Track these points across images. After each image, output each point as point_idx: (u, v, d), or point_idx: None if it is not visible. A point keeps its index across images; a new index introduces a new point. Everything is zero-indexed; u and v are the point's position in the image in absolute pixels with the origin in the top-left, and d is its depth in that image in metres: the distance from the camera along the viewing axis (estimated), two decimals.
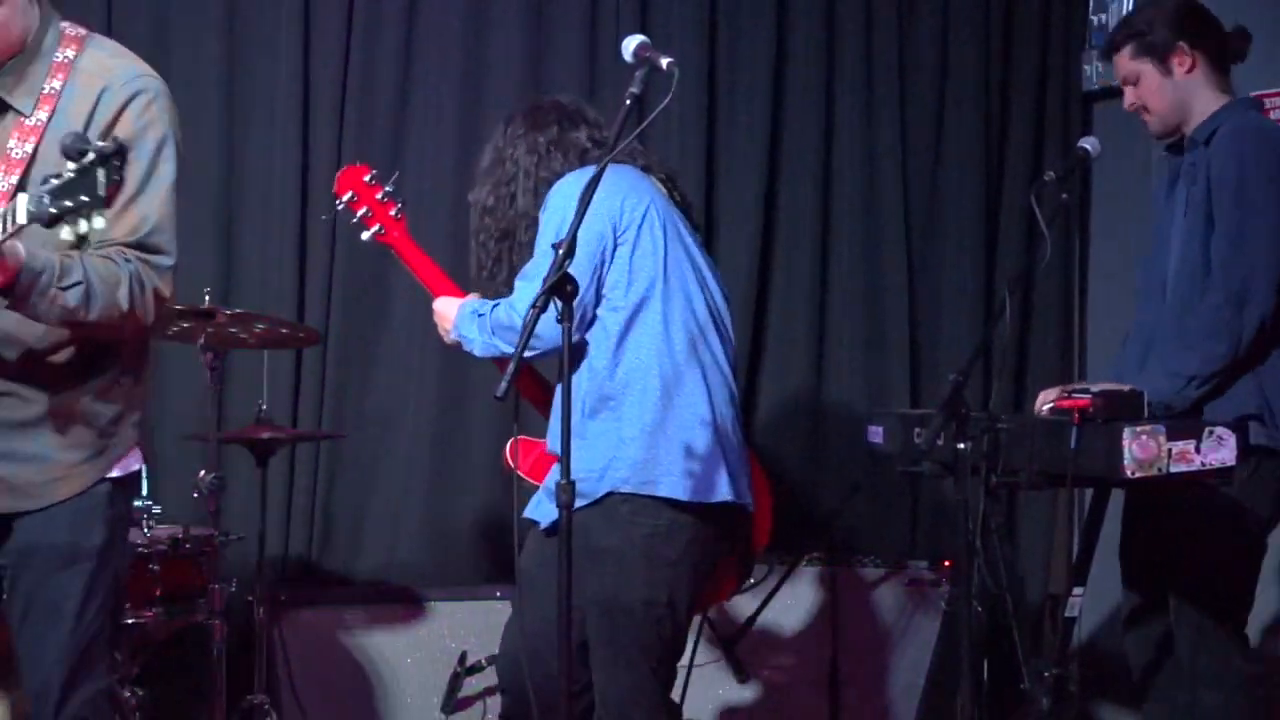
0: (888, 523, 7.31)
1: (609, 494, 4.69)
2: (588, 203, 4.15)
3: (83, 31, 4.04)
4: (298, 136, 6.78)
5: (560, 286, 4.06)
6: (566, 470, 4.07)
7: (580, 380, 4.72)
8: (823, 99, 7.37)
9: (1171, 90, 5.15)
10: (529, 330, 4.07)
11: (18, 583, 3.99)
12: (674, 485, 4.68)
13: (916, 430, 4.95)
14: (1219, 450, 4.57)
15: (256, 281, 6.77)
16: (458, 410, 6.84)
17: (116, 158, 3.46)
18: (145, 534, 5.74)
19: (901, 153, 7.45)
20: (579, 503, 4.22)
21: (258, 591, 6.14)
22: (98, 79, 3.96)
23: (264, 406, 6.20)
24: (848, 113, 7.40)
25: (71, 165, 3.46)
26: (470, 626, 6.44)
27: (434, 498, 6.86)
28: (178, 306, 5.68)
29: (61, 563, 4.03)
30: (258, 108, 6.83)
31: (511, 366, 4.04)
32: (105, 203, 3.47)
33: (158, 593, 5.77)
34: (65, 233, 3.47)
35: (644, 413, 4.71)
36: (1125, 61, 5.21)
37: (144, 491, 5.79)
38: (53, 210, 3.46)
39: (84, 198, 3.45)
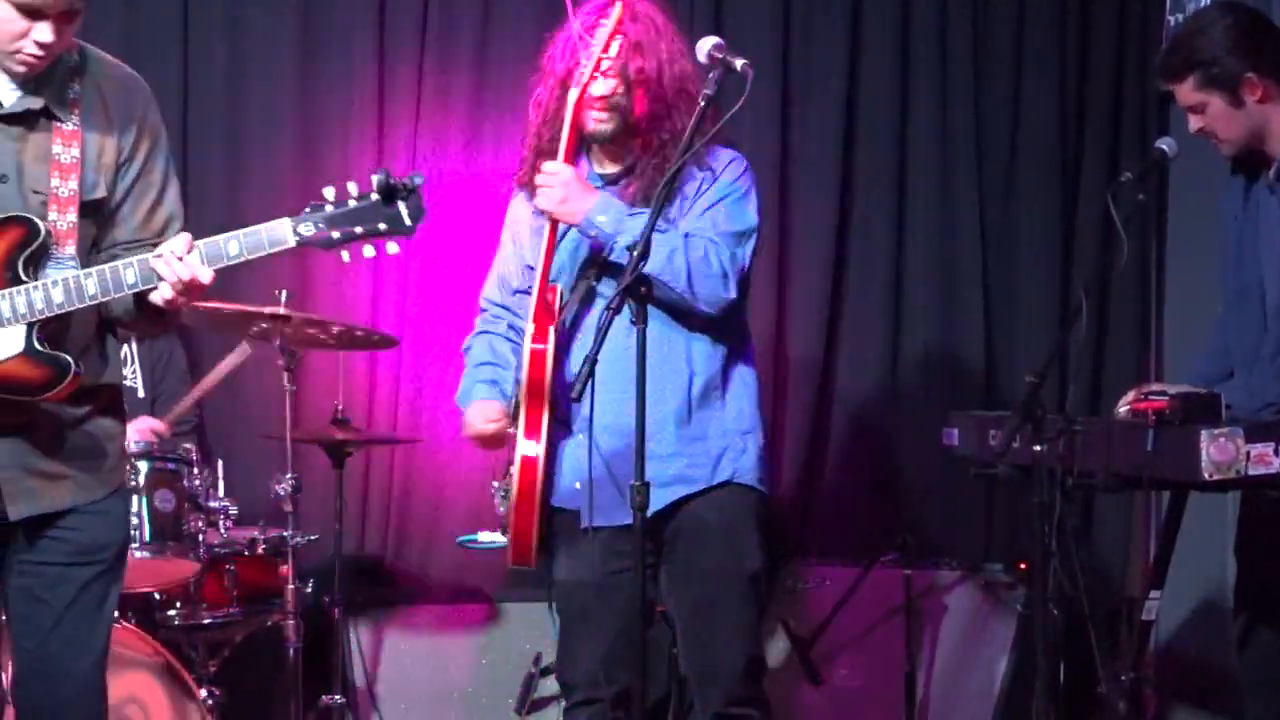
0: (963, 525, 7.29)
1: (726, 482, 4.73)
2: (663, 201, 4.17)
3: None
4: (374, 135, 6.81)
5: (635, 288, 4.06)
6: (641, 471, 4.08)
7: (685, 370, 4.71)
8: (897, 99, 7.35)
9: (1245, 119, 4.95)
10: (604, 332, 4.09)
11: (63, 581, 4.03)
12: (765, 474, 4.82)
13: (992, 432, 4.93)
14: None
15: (332, 283, 6.80)
16: None
17: (419, 192, 3.83)
18: (222, 535, 5.77)
19: (976, 154, 7.42)
20: (691, 490, 4.57)
21: (334, 592, 6.16)
22: (112, 84, 4.03)
23: (340, 408, 6.23)
24: (921, 114, 7.38)
25: (369, 195, 3.81)
26: (545, 628, 6.42)
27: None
28: (252, 308, 5.73)
29: (109, 561, 4.09)
30: (333, 106, 6.86)
31: (585, 369, 4.06)
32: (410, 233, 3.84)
33: (235, 593, 5.81)
34: (345, 255, 3.83)
35: (748, 402, 4.80)
36: (1189, 92, 4.99)
37: (221, 492, 5.83)
38: (336, 235, 3.81)
39: (382, 225, 3.81)
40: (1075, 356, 6.15)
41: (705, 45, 4.31)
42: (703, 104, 4.24)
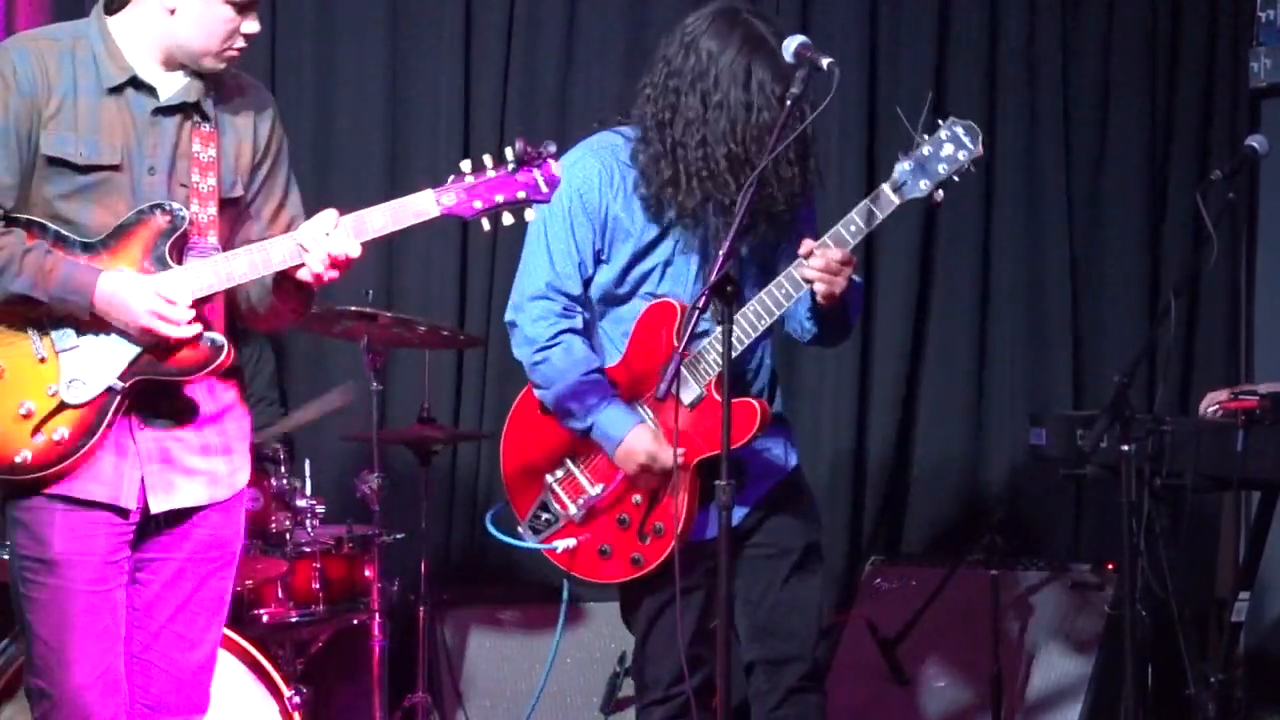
0: (1051, 525, 7.26)
1: (797, 465, 4.79)
2: (749, 199, 4.16)
3: None
4: (459, 137, 6.84)
5: (721, 287, 4.06)
6: (729, 470, 4.08)
7: (765, 366, 4.73)
8: (985, 95, 7.32)
9: None
10: (690, 329, 4.09)
11: (184, 576, 4.08)
12: None
13: (1080, 432, 4.92)
14: None
15: (419, 283, 6.84)
16: None
17: (555, 157, 4.00)
18: (309, 533, 5.80)
19: (1065, 150, 7.39)
20: (778, 479, 4.63)
21: (420, 591, 6.18)
22: (244, 92, 4.15)
23: (427, 406, 6.25)
24: (1010, 109, 7.35)
25: (508, 166, 3.96)
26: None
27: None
28: (340, 308, 5.76)
29: (229, 558, 4.17)
30: (421, 109, 6.90)
31: (672, 368, 4.06)
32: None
33: (321, 592, 5.83)
34: (485, 224, 3.99)
35: (778, 391, 4.82)
36: None
37: (309, 490, 5.86)
38: (478, 204, 3.97)
39: (521, 193, 3.97)
40: (1164, 356, 6.13)
41: (792, 43, 4.29)
42: (790, 102, 4.23)
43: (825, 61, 4.22)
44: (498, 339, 6.74)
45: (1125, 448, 4.57)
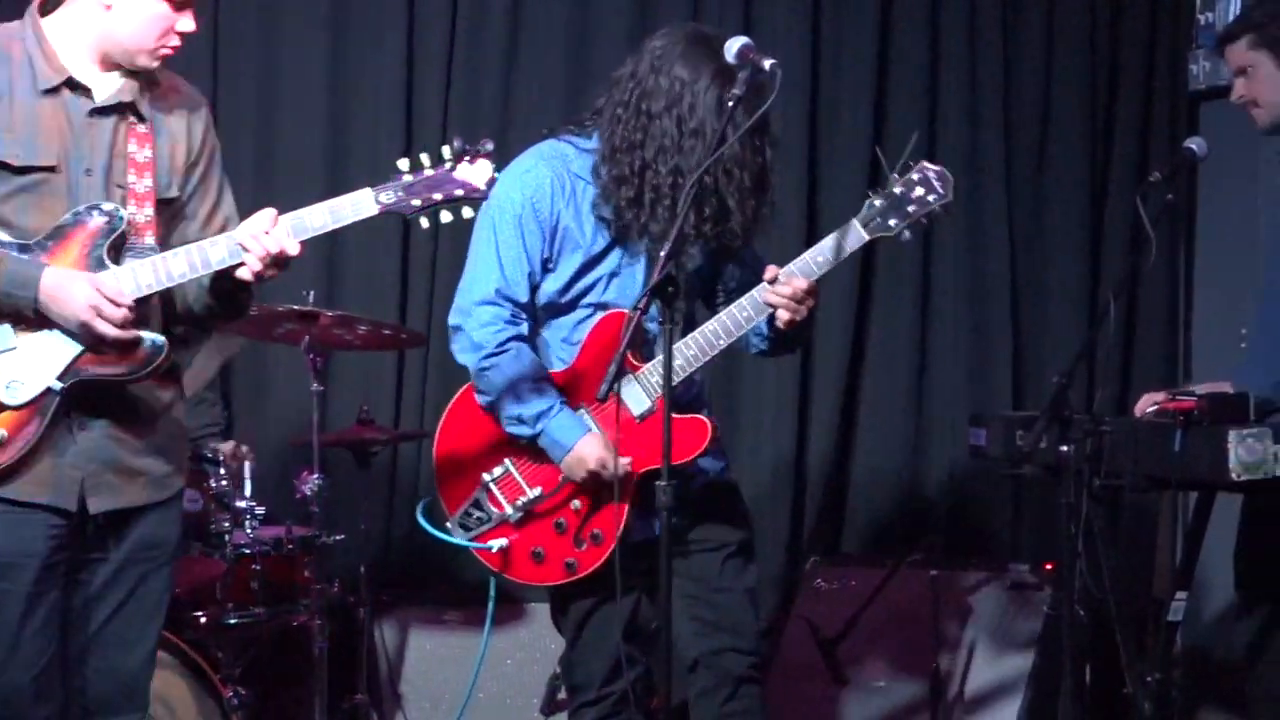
0: (990, 525, 7.29)
1: (726, 466, 4.85)
2: (689, 201, 4.16)
3: None
4: (401, 137, 6.82)
5: (662, 288, 4.06)
6: (668, 472, 4.08)
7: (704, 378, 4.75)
8: (926, 98, 7.35)
9: None
10: (631, 332, 4.09)
11: (121, 576, 4.08)
12: None
13: (1020, 433, 4.93)
14: None
15: (360, 282, 6.82)
16: None
17: (491, 156, 4.00)
18: (248, 534, 5.79)
19: (1006, 153, 7.42)
20: (709, 479, 4.67)
21: (360, 592, 6.17)
22: (178, 94, 4.16)
23: (366, 408, 6.23)
24: (951, 112, 7.38)
25: (446, 164, 3.97)
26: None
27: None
28: (280, 309, 5.75)
29: (166, 559, 4.17)
30: (363, 108, 6.89)
31: (612, 370, 4.06)
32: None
33: (261, 593, 5.82)
34: (424, 222, 3.99)
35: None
36: (1240, 52, 5.14)
37: (248, 492, 5.84)
38: (417, 202, 3.96)
39: (459, 191, 3.98)
40: (1103, 357, 6.15)
41: (734, 45, 4.29)
42: (731, 104, 4.23)
43: (768, 63, 4.22)
44: (439, 338, 6.73)
45: (1064, 448, 4.59)
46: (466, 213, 3.99)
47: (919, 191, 4.47)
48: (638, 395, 4.53)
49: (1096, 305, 7.38)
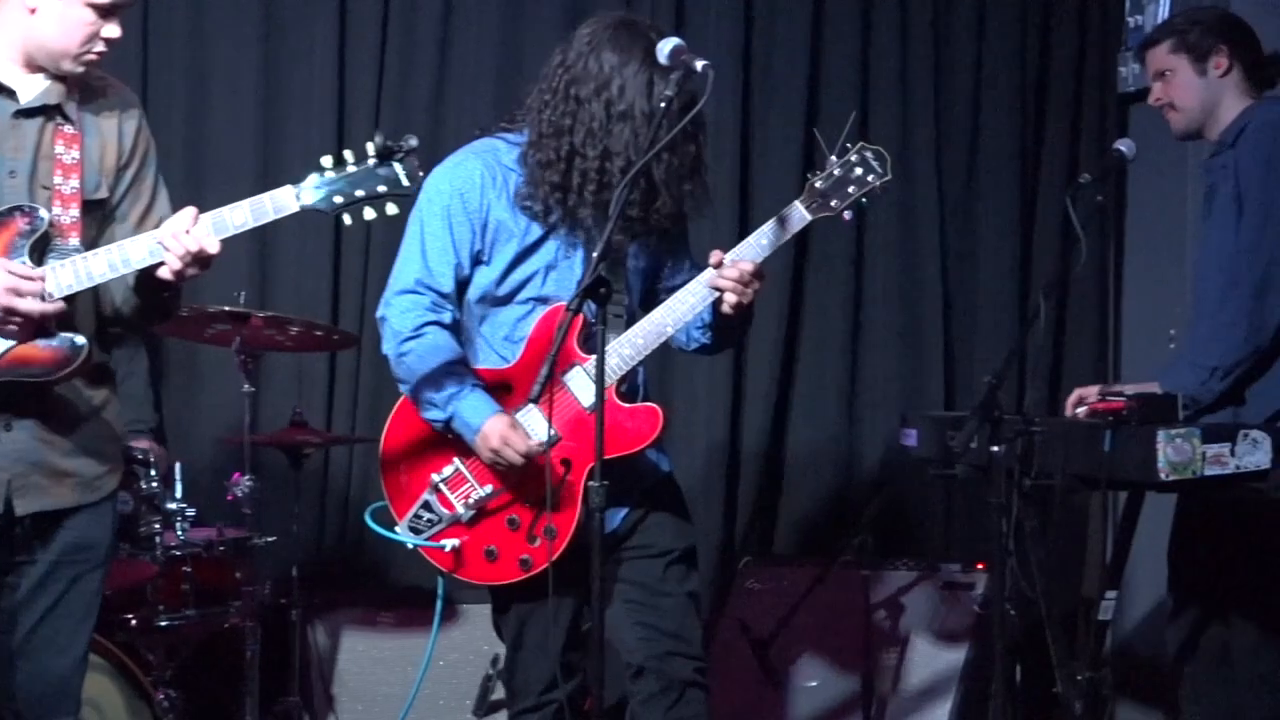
0: (921, 525, 7.32)
1: (669, 469, 4.84)
2: (623, 203, 4.17)
3: None
4: (333, 137, 6.80)
5: (595, 288, 4.06)
6: (600, 471, 4.08)
7: (636, 375, 4.74)
8: (858, 101, 7.35)
9: (1203, 89, 5.20)
10: (564, 332, 4.08)
11: (51, 578, 4.05)
12: None
13: (950, 433, 4.95)
14: (1254, 453, 4.56)
15: (291, 283, 6.80)
16: None
17: (414, 155, 3.95)
18: (179, 536, 5.76)
19: (937, 154, 7.44)
20: (653, 480, 4.68)
21: (292, 594, 6.15)
22: (108, 94, 4.14)
23: (299, 409, 6.22)
24: (883, 112, 7.39)
25: (369, 161, 3.94)
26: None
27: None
28: (212, 309, 5.73)
29: (99, 562, 4.15)
30: (294, 108, 6.86)
31: (546, 371, 4.05)
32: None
33: (192, 596, 5.79)
34: (347, 219, 3.96)
35: None
36: (1161, 55, 5.25)
37: (179, 494, 5.82)
38: (339, 200, 3.93)
39: (381, 188, 3.94)
40: (1034, 358, 6.19)
41: (667, 46, 4.29)
42: (663, 105, 4.23)
43: (700, 64, 4.22)
44: (371, 339, 6.72)
45: (995, 448, 4.61)
46: (390, 209, 3.96)
47: (858, 171, 4.56)
48: (585, 386, 4.52)
49: (1027, 306, 7.41)
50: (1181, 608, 5.31)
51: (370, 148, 3.95)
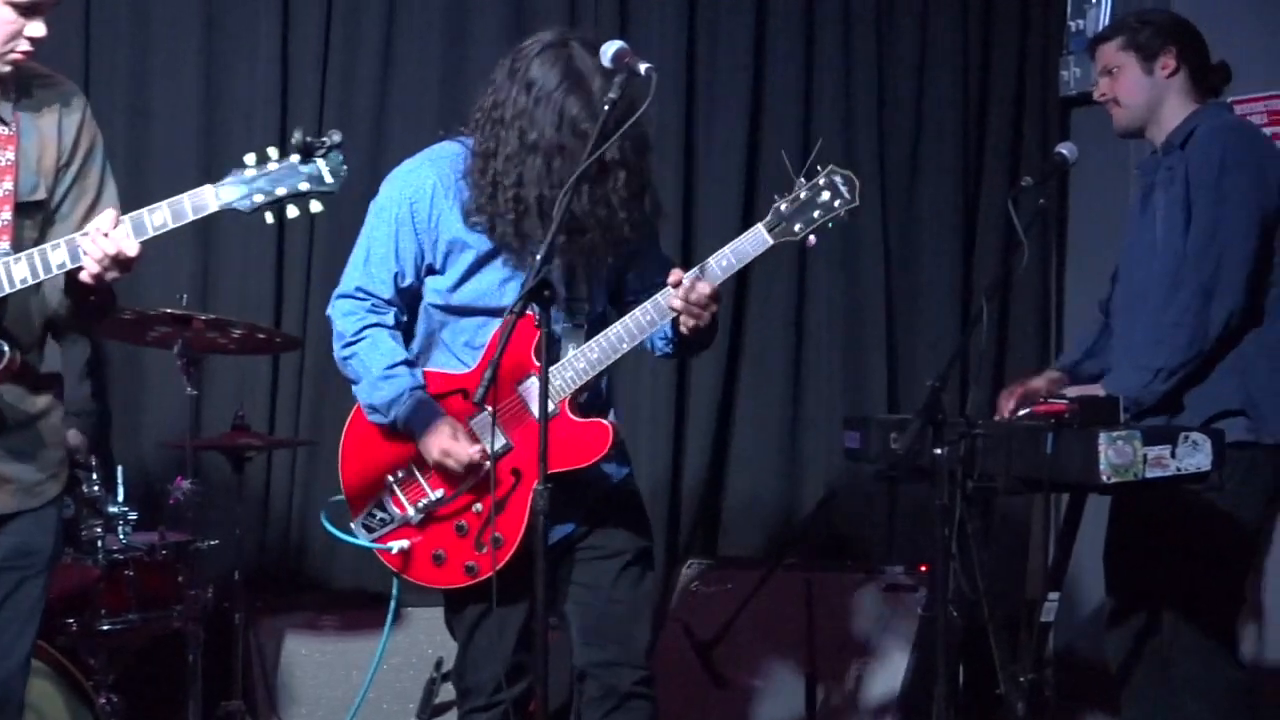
0: (864, 527, 7.32)
1: (628, 474, 4.81)
2: (567, 206, 4.17)
3: None
4: (275, 134, 6.76)
5: (538, 291, 4.06)
6: (544, 475, 4.08)
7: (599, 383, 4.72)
8: (801, 104, 7.37)
9: (1149, 88, 5.24)
10: (508, 336, 4.08)
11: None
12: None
13: (894, 436, 4.96)
14: (1194, 455, 4.59)
15: (234, 286, 6.76)
16: None
17: (340, 149, 3.85)
18: (121, 540, 5.72)
19: (879, 158, 7.45)
20: (609, 488, 4.65)
21: (234, 598, 6.13)
22: (48, 91, 4.08)
23: (241, 413, 6.19)
24: (826, 116, 7.40)
25: (292, 158, 3.85)
26: (447, 633, 6.42)
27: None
28: (153, 311, 5.70)
29: (42, 567, 4.11)
30: (235, 108, 6.83)
31: (489, 373, 4.05)
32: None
33: (134, 599, 5.75)
34: (268, 217, 3.87)
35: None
36: (1110, 51, 5.29)
37: (121, 497, 5.79)
38: (260, 199, 3.84)
39: (303, 185, 3.84)
40: (977, 361, 6.20)
41: (610, 48, 4.29)
42: (607, 108, 4.23)
43: (643, 67, 4.21)
44: (315, 341, 6.70)
45: (938, 451, 4.63)
46: (315, 207, 3.89)
47: (825, 196, 4.49)
48: (538, 397, 4.51)
49: (970, 308, 7.44)
50: (1120, 610, 5.33)
51: (292, 141, 3.87)
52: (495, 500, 4.51)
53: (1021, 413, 4.93)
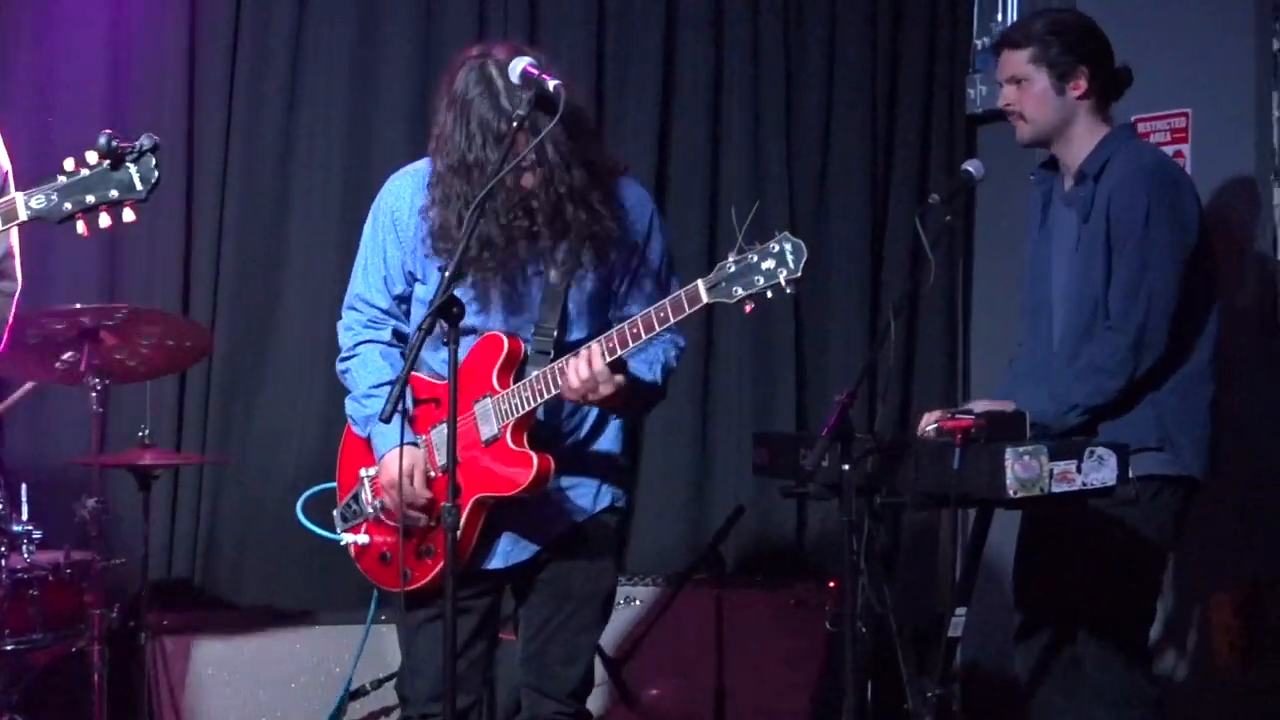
0: (774, 543, 7.33)
1: (609, 508, 4.78)
2: (476, 222, 4.17)
3: None
4: (182, 166, 6.72)
5: (446, 309, 4.06)
6: (454, 492, 4.08)
7: (588, 414, 4.73)
8: (709, 119, 7.39)
9: (1059, 108, 5.16)
10: (415, 352, 4.08)
11: None
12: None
13: (802, 452, 4.97)
14: (1100, 470, 4.61)
15: (141, 298, 6.70)
16: (343, 429, 6.76)
17: (154, 153, 3.76)
18: (25, 559, 5.68)
19: (788, 174, 7.47)
20: (576, 520, 4.66)
21: (141, 617, 6.08)
22: None
23: (147, 430, 6.15)
24: (733, 132, 7.42)
25: (99, 164, 3.75)
26: (353, 646, 6.41)
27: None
28: (59, 325, 5.66)
29: None
30: (143, 114, 6.75)
31: (395, 389, 4.05)
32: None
33: (39, 619, 5.71)
34: (80, 226, 3.76)
35: (610, 431, 4.85)
36: (1020, 62, 5.19)
37: (25, 516, 5.74)
38: (69, 206, 3.74)
39: (114, 192, 3.74)
40: (884, 376, 6.23)
41: (518, 65, 4.29)
42: (514, 125, 4.24)
43: (552, 84, 4.22)
44: (221, 360, 6.66)
45: (846, 467, 4.64)
46: (128, 216, 3.80)
47: (769, 264, 4.34)
48: (487, 418, 4.52)
49: (878, 324, 7.47)
50: (1028, 624, 5.36)
51: (99, 147, 3.79)
52: (434, 516, 4.55)
53: (929, 428, 4.95)
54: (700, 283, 4.39)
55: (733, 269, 4.35)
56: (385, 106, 6.93)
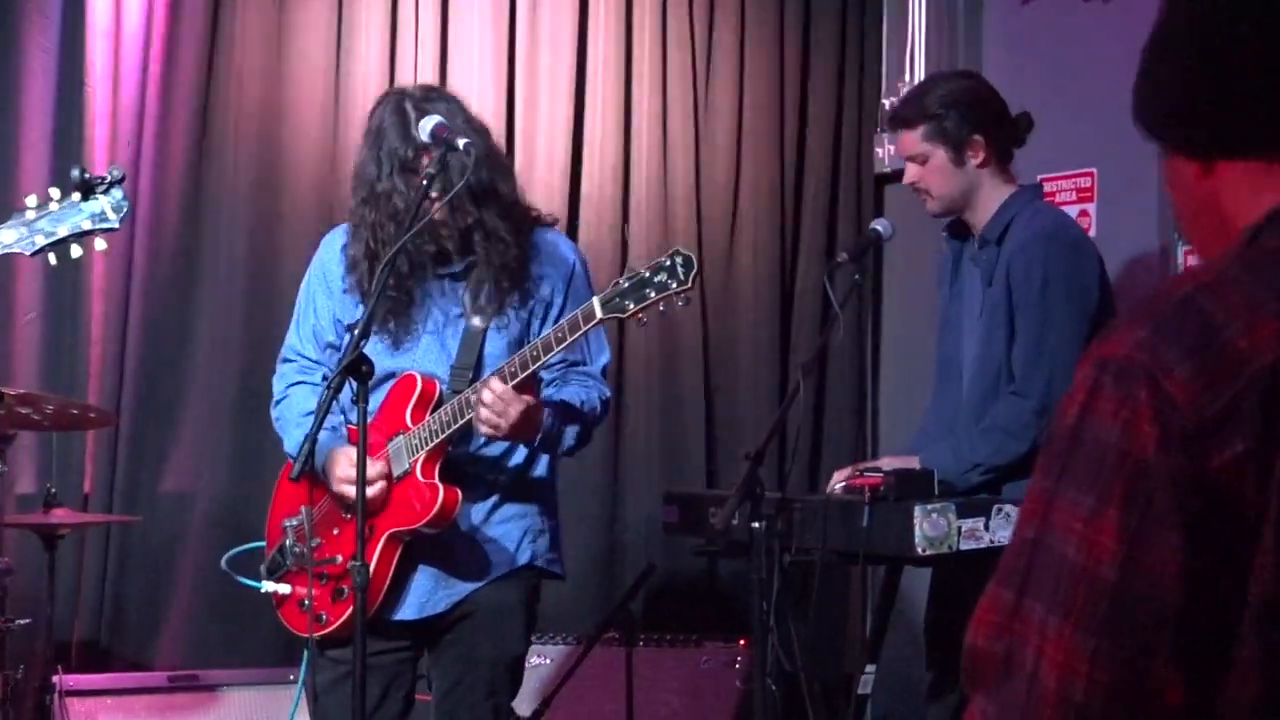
0: (683, 602, 7.33)
1: (527, 565, 4.81)
2: (387, 277, 4.19)
3: None
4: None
5: (355, 367, 4.05)
6: (361, 553, 4.07)
7: (507, 458, 4.74)
8: (620, 167, 7.38)
9: (962, 180, 5.15)
10: (324, 410, 4.07)
11: None
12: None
13: (712, 510, 4.98)
14: (1007, 527, 4.63)
15: (46, 359, 6.63)
16: (254, 488, 6.71)
17: (121, 185, 3.79)
18: None
19: (697, 228, 7.48)
20: (492, 575, 4.68)
21: (45, 679, 6.02)
22: None
23: (53, 490, 6.09)
24: (640, 188, 7.41)
25: (72, 196, 3.77)
26: (266, 710, 6.36)
27: (230, 580, 6.75)
28: None
29: None
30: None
31: (305, 447, 4.04)
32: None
33: None
34: (52, 258, 3.78)
35: (544, 488, 4.90)
36: (916, 142, 5.17)
37: None
38: (41, 240, 3.78)
39: (86, 223, 3.76)
40: (794, 435, 6.25)
41: (428, 124, 4.33)
42: (424, 183, 4.25)
43: (462, 142, 4.24)
44: (129, 417, 6.61)
45: (755, 525, 4.65)
46: (100, 245, 3.84)
47: (661, 277, 4.38)
48: (400, 454, 4.57)
49: (787, 383, 7.49)
50: (939, 683, 5.36)
51: (71, 179, 3.80)
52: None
53: (838, 486, 4.97)
54: (595, 299, 4.42)
55: (625, 285, 4.39)
56: (298, 110, 6.90)
